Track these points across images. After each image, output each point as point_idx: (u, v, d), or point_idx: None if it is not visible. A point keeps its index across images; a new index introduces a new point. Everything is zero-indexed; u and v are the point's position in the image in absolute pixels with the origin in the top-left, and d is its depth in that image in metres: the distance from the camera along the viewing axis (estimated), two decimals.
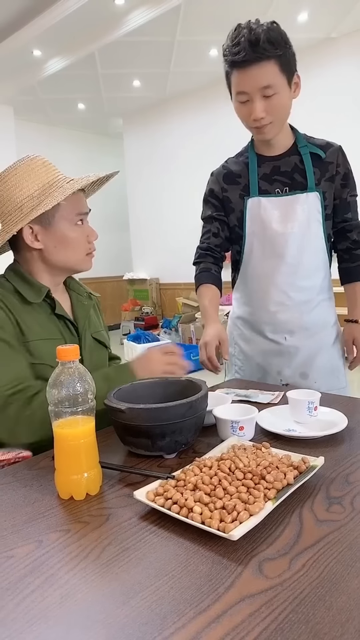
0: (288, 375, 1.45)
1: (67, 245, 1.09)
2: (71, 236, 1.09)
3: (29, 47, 4.75)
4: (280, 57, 1.21)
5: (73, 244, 1.09)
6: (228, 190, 1.45)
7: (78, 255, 1.11)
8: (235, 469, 0.73)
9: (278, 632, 0.47)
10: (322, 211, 1.36)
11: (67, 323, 1.13)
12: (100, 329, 1.25)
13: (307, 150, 1.37)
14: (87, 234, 1.12)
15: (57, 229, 1.07)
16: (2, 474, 0.86)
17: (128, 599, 0.52)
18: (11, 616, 0.50)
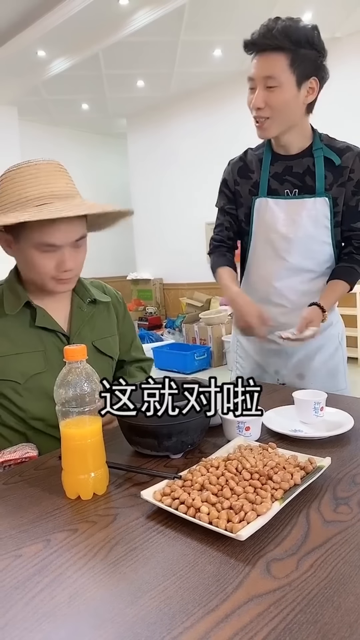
0: (285, 374, 1.45)
1: (30, 268, 1.01)
2: (33, 261, 0.99)
3: (33, 47, 4.76)
4: (293, 52, 1.19)
5: (33, 266, 1.00)
6: (240, 184, 1.44)
7: (42, 279, 1.02)
8: (242, 469, 0.73)
9: (287, 632, 0.47)
10: (330, 217, 1.33)
11: (57, 333, 1.07)
12: (107, 335, 1.17)
13: (321, 154, 1.33)
14: (60, 261, 0.99)
15: (22, 249, 0.99)
16: (10, 474, 0.86)
17: (136, 598, 0.52)
18: (20, 615, 0.51)
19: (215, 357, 5.05)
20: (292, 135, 1.32)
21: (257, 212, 1.39)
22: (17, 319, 1.05)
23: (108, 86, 5.76)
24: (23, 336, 1.05)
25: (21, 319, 1.06)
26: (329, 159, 1.33)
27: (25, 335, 1.05)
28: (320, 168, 1.33)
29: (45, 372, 1.04)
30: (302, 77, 1.22)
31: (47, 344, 1.07)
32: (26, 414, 1.03)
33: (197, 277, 6.05)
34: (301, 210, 1.33)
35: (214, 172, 5.92)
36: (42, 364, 1.05)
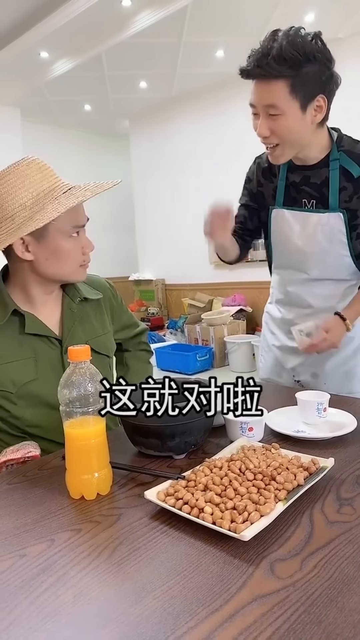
0: (300, 372, 1.45)
1: (60, 258, 1.02)
2: (65, 248, 1.02)
3: (36, 49, 4.77)
4: (293, 78, 1.10)
5: (66, 256, 1.02)
6: (263, 185, 1.40)
7: (70, 267, 1.05)
8: (245, 469, 0.73)
9: (290, 632, 0.47)
10: (346, 232, 1.27)
11: (49, 338, 1.06)
12: (100, 333, 1.16)
13: (337, 165, 1.25)
14: (83, 245, 1.05)
15: (50, 241, 1.00)
16: (13, 474, 0.86)
17: (140, 598, 0.52)
18: (25, 614, 0.51)
19: (217, 357, 5.04)
20: (306, 151, 1.25)
21: (275, 221, 1.37)
22: (5, 328, 1.03)
23: (111, 87, 5.77)
24: (12, 346, 1.03)
25: (10, 328, 1.04)
26: (347, 169, 1.24)
27: (15, 344, 1.03)
28: (334, 181, 1.25)
29: (36, 379, 1.03)
30: (306, 100, 1.14)
31: (37, 350, 1.05)
32: (22, 422, 1.03)
33: (199, 278, 6.06)
34: (316, 225, 1.29)
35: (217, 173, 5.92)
36: (33, 371, 1.03)
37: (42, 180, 1.00)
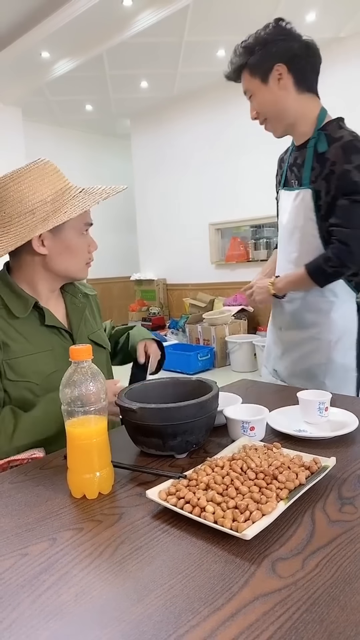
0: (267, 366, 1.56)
1: (71, 254, 1.09)
2: (76, 245, 1.09)
3: (37, 49, 4.77)
4: (248, 63, 1.33)
5: (76, 252, 1.10)
6: (277, 173, 1.55)
7: (79, 264, 1.12)
8: (247, 468, 0.73)
9: (292, 631, 0.47)
10: (314, 210, 1.29)
11: (60, 331, 1.11)
12: (97, 329, 1.22)
13: (313, 144, 1.31)
14: (89, 243, 1.13)
15: (65, 237, 1.07)
16: (15, 473, 0.86)
17: (142, 596, 0.53)
18: (27, 613, 0.51)
19: (218, 357, 5.05)
20: (297, 127, 1.36)
21: (279, 204, 1.49)
22: (27, 320, 1.07)
23: (112, 87, 5.77)
24: (36, 336, 1.07)
25: (30, 320, 1.07)
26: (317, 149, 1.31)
27: (36, 335, 1.07)
28: (309, 159, 1.32)
29: (56, 371, 1.06)
30: (263, 73, 1.32)
31: (54, 343, 1.09)
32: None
33: (201, 278, 6.06)
34: (293, 202, 1.36)
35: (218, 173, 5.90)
36: (53, 363, 1.07)
37: (57, 180, 1.06)
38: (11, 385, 1.02)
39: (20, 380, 1.02)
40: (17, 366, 1.02)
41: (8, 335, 1.03)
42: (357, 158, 1.23)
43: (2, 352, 1.02)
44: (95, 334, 1.20)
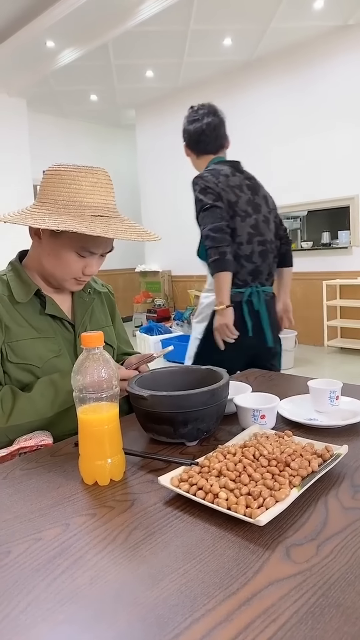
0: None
1: (58, 262, 1.04)
2: (66, 259, 1.03)
3: (42, 38, 4.74)
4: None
5: (64, 265, 1.04)
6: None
7: (64, 276, 1.06)
8: (259, 456, 0.73)
9: (309, 615, 0.47)
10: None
11: (63, 322, 1.11)
12: (104, 325, 1.21)
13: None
14: (85, 265, 1.05)
15: (59, 244, 1.01)
16: (26, 460, 0.87)
17: (157, 581, 0.53)
18: (42, 596, 0.51)
19: None
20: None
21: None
22: (28, 306, 1.07)
23: (117, 77, 5.73)
24: (38, 322, 1.07)
25: (32, 306, 1.08)
26: None
27: (39, 321, 1.07)
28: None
29: (60, 355, 1.07)
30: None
31: (57, 331, 1.09)
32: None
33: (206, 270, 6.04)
34: None
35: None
36: (56, 349, 1.07)
37: (87, 193, 0.98)
38: (12, 367, 1.03)
39: (21, 362, 1.03)
40: (18, 349, 1.03)
41: (11, 317, 1.04)
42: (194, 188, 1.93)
43: (4, 334, 1.03)
44: (103, 329, 1.18)
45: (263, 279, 1.93)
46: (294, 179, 5.25)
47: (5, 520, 0.66)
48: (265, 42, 4.94)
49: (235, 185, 1.95)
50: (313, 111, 5.03)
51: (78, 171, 0.99)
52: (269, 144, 5.42)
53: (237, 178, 2.00)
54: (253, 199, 1.99)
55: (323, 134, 4.98)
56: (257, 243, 1.92)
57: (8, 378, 1.03)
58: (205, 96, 5.98)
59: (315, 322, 5.21)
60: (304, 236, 5.96)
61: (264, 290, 1.92)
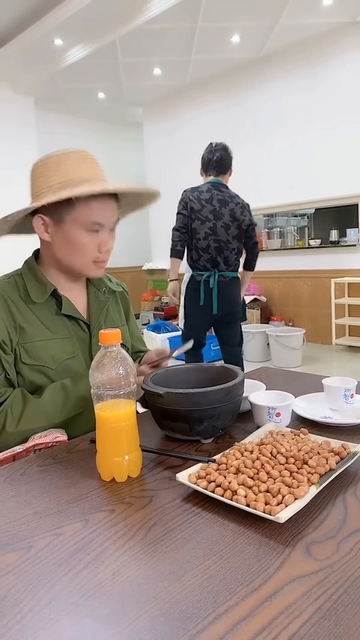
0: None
1: (72, 249, 1.02)
2: (79, 241, 1.01)
3: (50, 36, 4.74)
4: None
5: (79, 249, 1.02)
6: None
7: (83, 261, 1.04)
8: (277, 453, 0.73)
9: (332, 612, 0.47)
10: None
11: (79, 322, 1.10)
12: (119, 325, 1.20)
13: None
14: (99, 242, 1.03)
15: (66, 230, 1.01)
16: (43, 457, 0.87)
17: (179, 576, 0.53)
18: (66, 590, 0.52)
19: None
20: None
21: None
22: (44, 306, 1.06)
23: (124, 74, 5.72)
24: (53, 322, 1.07)
25: (48, 307, 1.07)
26: None
27: (54, 321, 1.07)
28: None
29: (74, 357, 1.06)
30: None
31: (72, 331, 1.09)
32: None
33: None
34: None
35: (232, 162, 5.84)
36: (70, 350, 1.07)
37: (77, 170, 1.00)
38: (26, 369, 1.02)
39: (35, 364, 1.02)
40: (32, 350, 1.02)
41: (25, 318, 1.03)
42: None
43: (19, 335, 1.02)
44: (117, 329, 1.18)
45: (221, 267, 2.83)
46: (301, 176, 5.23)
47: (25, 515, 0.67)
48: (273, 39, 4.92)
49: (205, 199, 2.78)
50: (321, 108, 5.00)
51: (61, 154, 1.02)
52: (277, 141, 5.40)
53: (210, 194, 2.79)
54: (218, 209, 2.78)
55: (331, 131, 4.95)
56: (213, 240, 2.79)
57: (22, 379, 1.03)
58: (212, 93, 5.97)
59: (324, 320, 5.19)
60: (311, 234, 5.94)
61: (220, 274, 2.83)
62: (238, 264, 2.91)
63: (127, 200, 1.11)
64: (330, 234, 5.35)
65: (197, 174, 2.90)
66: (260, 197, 5.61)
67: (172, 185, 6.75)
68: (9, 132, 5.89)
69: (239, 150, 6.16)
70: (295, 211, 5.78)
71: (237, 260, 2.89)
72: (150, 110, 6.84)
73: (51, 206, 0.97)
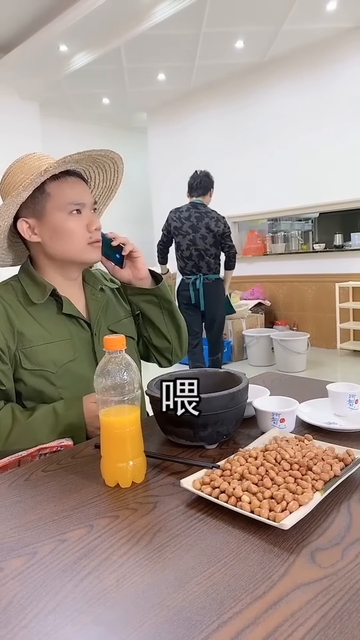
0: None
1: (62, 236, 1.03)
2: (65, 226, 1.03)
3: (55, 42, 4.78)
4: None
5: (68, 234, 1.03)
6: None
7: (76, 245, 1.04)
8: (281, 459, 0.73)
9: (337, 620, 0.47)
10: None
11: (79, 322, 1.10)
12: (123, 317, 1.19)
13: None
14: (87, 223, 1.05)
15: (50, 220, 1.02)
16: (47, 462, 0.87)
17: (183, 583, 0.53)
18: (70, 596, 0.52)
19: (235, 351, 5.04)
20: None
21: None
22: (44, 307, 1.07)
23: (129, 80, 5.76)
24: (54, 324, 1.07)
25: (48, 308, 1.07)
26: None
27: (54, 323, 1.07)
28: None
29: (75, 359, 1.06)
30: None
31: (72, 331, 1.09)
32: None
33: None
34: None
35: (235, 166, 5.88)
36: (72, 352, 1.07)
37: (40, 165, 1.04)
38: (26, 374, 1.02)
39: (36, 369, 1.02)
40: (32, 355, 1.02)
41: (24, 323, 1.03)
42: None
43: (17, 341, 1.02)
44: (118, 323, 1.17)
45: (205, 271, 3.57)
46: (305, 181, 5.23)
47: (30, 521, 0.67)
48: (277, 44, 4.94)
49: (184, 217, 3.57)
50: (325, 113, 5.01)
51: (23, 157, 1.07)
52: (281, 145, 5.41)
53: (188, 212, 3.57)
54: (195, 224, 3.52)
55: (335, 135, 4.96)
56: (194, 250, 3.54)
57: (23, 385, 1.03)
58: (217, 99, 6.00)
59: (328, 324, 5.18)
60: (315, 238, 5.94)
61: (205, 277, 3.57)
62: (218, 267, 3.63)
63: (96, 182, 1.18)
64: (334, 238, 5.35)
65: None
66: (264, 201, 5.62)
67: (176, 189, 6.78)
68: (14, 137, 5.93)
69: (242, 154, 6.20)
70: (299, 215, 5.78)
71: (216, 264, 3.61)
72: (154, 115, 6.87)
73: (29, 204, 1.02)
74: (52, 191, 1.02)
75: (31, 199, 1.02)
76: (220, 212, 4.09)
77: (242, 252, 5.94)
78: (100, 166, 1.14)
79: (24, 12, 4.45)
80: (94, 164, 1.12)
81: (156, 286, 1.16)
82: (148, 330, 1.22)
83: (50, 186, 1.01)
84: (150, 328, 1.22)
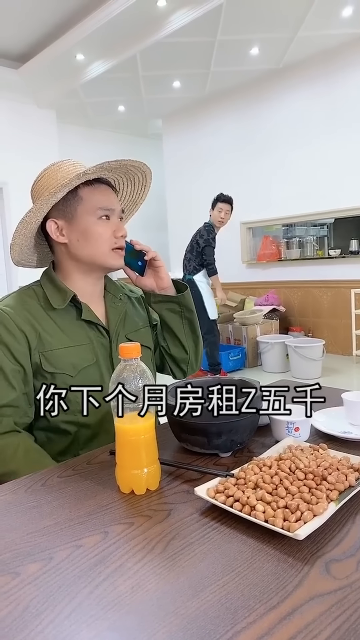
0: None
1: (89, 239, 1.07)
2: (93, 230, 1.07)
3: (72, 51, 4.85)
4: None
5: (95, 237, 1.07)
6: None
7: (102, 249, 1.08)
8: (295, 469, 0.73)
9: (351, 632, 0.46)
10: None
11: (98, 328, 1.12)
12: (140, 327, 1.21)
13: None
14: (113, 229, 1.09)
15: (79, 223, 1.07)
16: (63, 468, 0.89)
17: (197, 592, 0.53)
18: (86, 602, 0.52)
19: (249, 357, 5.02)
20: None
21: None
22: (65, 313, 1.09)
23: (144, 87, 5.81)
24: (74, 329, 1.09)
25: (69, 313, 1.10)
26: None
27: (74, 328, 1.09)
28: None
29: (95, 363, 1.08)
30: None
31: (92, 337, 1.10)
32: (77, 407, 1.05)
33: (232, 277, 6.03)
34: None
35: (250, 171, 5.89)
36: (91, 356, 1.09)
37: (74, 171, 1.08)
38: (47, 377, 1.04)
39: (56, 372, 1.04)
40: (52, 358, 1.04)
41: (45, 327, 1.06)
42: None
43: (39, 344, 1.04)
44: (136, 332, 1.18)
45: (189, 271, 4.45)
46: (320, 187, 5.21)
47: (47, 526, 0.68)
48: (293, 51, 4.94)
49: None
50: (340, 118, 4.99)
51: (58, 163, 1.11)
52: (296, 151, 5.40)
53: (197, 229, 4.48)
54: (194, 236, 4.48)
55: (351, 141, 4.93)
56: (184, 255, 4.53)
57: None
58: (231, 105, 6.02)
59: (344, 331, 5.13)
60: (331, 244, 5.90)
61: (187, 276, 4.42)
62: (195, 271, 4.41)
63: (124, 194, 1.23)
64: (350, 243, 5.31)
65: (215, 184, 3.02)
66: (279, 207, 5.61)
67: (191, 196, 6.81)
68: (31, 145, 6.02)
69: (257, 160, 6.20)
70: (314, 221, 5.75)
71: (194, 268, 4.43)
72: (169, 122, 6.91)
73: (60, 206, 1.06)
74: (84, 195, 1.06)
75: (63, 201, 1.06)
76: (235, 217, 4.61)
77: (257, 258, 5.93)
78: (130, 178, 1.18)
79: (41, 22, 4.54)
80: (125, 175, 1.16)
81: (181, 294, 1.17)
82: (167, 339, 1.24)
83: (83, 190, 1.06)
84: (169, 336, 1.23)
